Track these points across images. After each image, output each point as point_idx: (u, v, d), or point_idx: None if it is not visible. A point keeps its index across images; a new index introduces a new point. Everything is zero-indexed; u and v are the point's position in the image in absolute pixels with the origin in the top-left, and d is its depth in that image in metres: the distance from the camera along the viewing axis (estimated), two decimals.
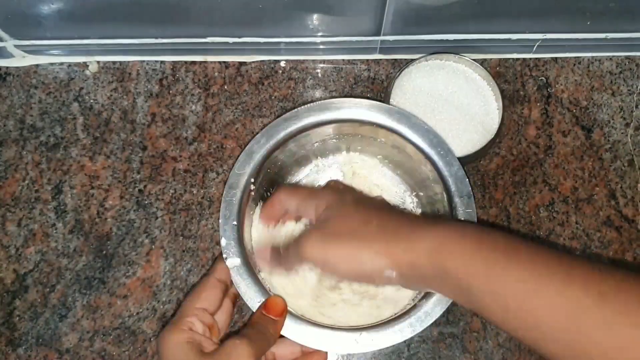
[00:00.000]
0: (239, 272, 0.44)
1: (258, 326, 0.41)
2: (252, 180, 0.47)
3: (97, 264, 0.52)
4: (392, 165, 0.53)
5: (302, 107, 0.48)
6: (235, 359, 0.38)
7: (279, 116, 0.49)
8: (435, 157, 0.47)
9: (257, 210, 0.49)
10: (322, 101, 0.49)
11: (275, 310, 0.42)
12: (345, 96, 0.57)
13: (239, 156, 0.47)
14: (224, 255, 0.45)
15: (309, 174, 0.54)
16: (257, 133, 0.48)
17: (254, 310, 0.43)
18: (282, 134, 0.48)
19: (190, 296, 0.43)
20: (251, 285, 0.44)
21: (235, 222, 0.46)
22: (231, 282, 0.45)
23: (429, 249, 0.37)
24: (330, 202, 0.43)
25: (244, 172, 0.47)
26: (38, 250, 0.52)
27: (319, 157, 0.54)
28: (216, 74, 0.57)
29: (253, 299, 0.44)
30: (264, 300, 0.43)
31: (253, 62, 0.58)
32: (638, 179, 0.56)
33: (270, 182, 0.51)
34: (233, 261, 0.45)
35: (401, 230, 0.39)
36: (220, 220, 0.46)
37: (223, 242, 0.45)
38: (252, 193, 0.47)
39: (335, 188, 0.50)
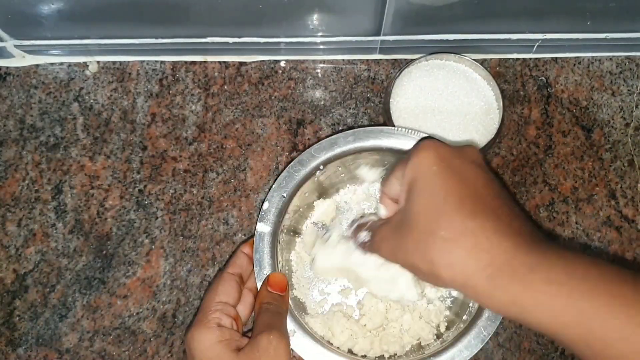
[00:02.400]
0: (262, 239, 0.45)
1: (272, 307, 0.41)
2: (322, 167, 0.47)
3: (97, 264, 0.52)
4: None
5: (403, 128, 0.47)
6: (275, 353, 0.38)
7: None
8: None
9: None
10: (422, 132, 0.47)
11: (279, 286, 0.43)
12: (346, 97, 0.57)
13: (321, 140, 0.47)
14: (260, 219, 0.45)
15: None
16: (349, 129, 0.47)
17: (258, 284, 0.44)
18: (370, 142, 0.47)
19: (208, 292, 0.43)
20: (266, 257, 0.44)
21: (284, 195, 0.46)
22: (247, 275, 0.45)
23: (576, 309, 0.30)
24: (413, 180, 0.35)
25: (318, 156, 0.46)
26: (38, 250, 0.52)
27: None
28: (216, 74, 0.57)
29: (263, 269, 0.44)
30: (267, 274, 0.44)
31: (253, 62, 0.57)
32: (638, 179, 0.56)
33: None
34: (263, 227, 0.45)
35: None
36: (273, 185, 0.46)
37: (265, 205, 0.45)
38: (316, 179, 0.47)
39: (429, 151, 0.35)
